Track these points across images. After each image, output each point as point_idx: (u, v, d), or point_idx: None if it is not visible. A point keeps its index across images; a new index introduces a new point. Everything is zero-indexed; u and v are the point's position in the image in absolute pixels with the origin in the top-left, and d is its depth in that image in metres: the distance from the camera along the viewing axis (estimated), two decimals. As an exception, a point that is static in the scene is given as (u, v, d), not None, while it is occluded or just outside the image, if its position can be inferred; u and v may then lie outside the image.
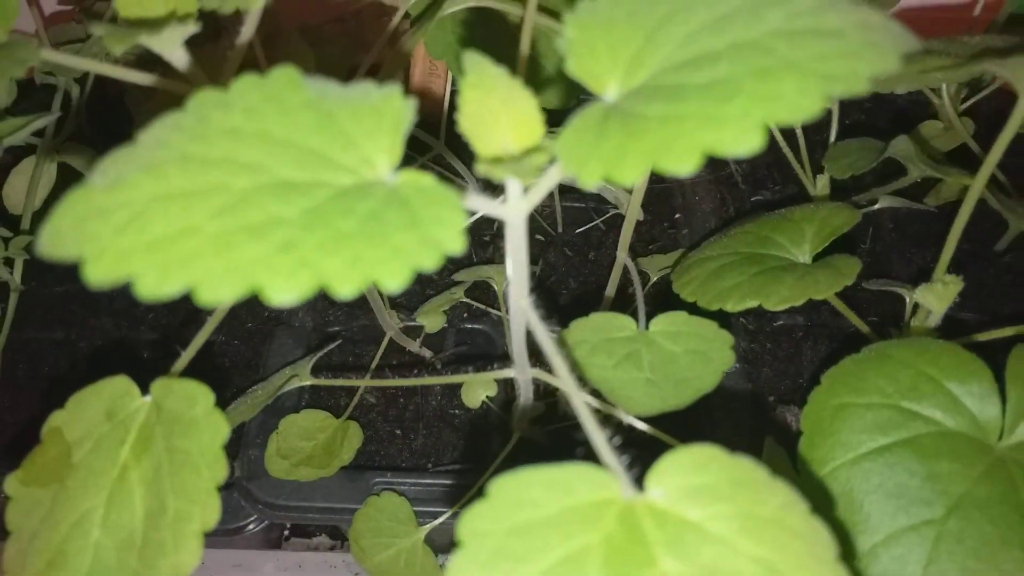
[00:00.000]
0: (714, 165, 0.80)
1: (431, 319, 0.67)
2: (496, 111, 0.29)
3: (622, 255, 0.62)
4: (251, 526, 0.62)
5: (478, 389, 0.60)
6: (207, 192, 0.24)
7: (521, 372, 0.50)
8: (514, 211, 0.33)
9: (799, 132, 0.71)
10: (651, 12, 0.28)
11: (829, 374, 0.47)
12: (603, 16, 0.28)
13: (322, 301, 0.71)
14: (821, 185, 0.68)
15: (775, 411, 0.63)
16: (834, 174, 0.61)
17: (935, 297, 0.53)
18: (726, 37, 0.26)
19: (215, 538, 0.62)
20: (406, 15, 0.58)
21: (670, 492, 0.27)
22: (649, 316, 0.49)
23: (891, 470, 0.42)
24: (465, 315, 0.70)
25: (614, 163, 0.24)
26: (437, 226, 0.24)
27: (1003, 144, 0.48)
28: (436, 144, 0.70)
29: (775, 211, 0.63)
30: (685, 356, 0.45)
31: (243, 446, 0.62)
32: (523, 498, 0.26)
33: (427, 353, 0.69)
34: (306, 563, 0.68)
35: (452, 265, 0.72)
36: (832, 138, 0.70)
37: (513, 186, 0.31)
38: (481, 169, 0.28)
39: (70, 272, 0.24)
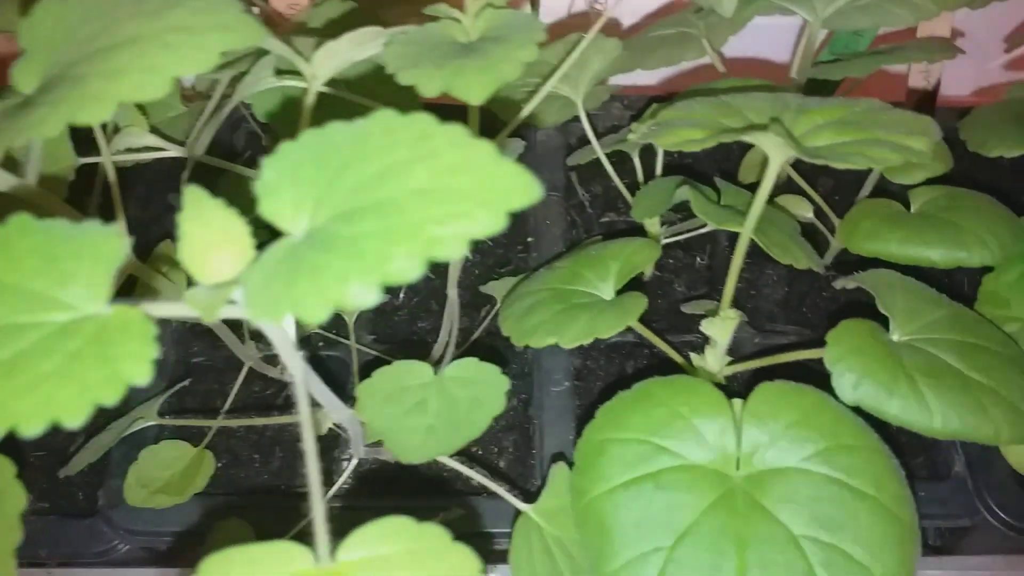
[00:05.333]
0: (566, 191, 0.85)
1: (288, 348, 0.72)
2: (211, 242, 0.34)
3: (452, 293, 0.67)
4: (120, 547, 0.67)
5: (323, 420, 0.66)
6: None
7: (338, 414, 0.55)
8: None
9: (636, 162, 0.76)
10: (333, 159, 0.32)
11: (601, 410, 0.54)
12: (295, 160, 0.33)
13: (186, 334, 0.75)
14: (650, 214, 0.73)
15: (600, 427, 0.70)
16: (636, 217, 0.67)
17: (716, 330, 0.60)
18: (379, 192, 0.31)
19: (87, 560, 0.67)
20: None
21: (352, 563, 0.32)
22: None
23: (636, 501, 0.49)
24: (320, 344, 0.75)
25: (271, 309, 0.29)
26: (127, 361, 0.29)
27: (760, 204, 0.54)
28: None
29: (596, 243, 0.69)
30: (465, 402, 0.50)
31: (107, 475, 0.67)
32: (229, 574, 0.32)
33: (288, 378, 0.74)
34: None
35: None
36: (659, 171, 0.75)
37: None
38: (187, 300, 0.32)
39: None
